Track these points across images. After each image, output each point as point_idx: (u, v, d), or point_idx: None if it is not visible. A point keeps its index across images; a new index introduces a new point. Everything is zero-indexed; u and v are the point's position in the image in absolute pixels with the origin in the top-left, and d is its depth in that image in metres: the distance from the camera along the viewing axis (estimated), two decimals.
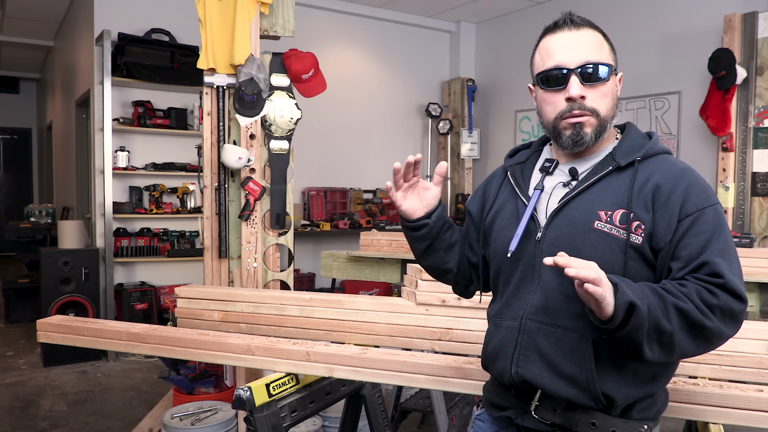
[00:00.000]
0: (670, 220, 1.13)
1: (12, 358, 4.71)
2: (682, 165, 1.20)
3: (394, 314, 2.13)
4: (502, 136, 6.58)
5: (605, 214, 1.16)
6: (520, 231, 1.22)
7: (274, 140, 3.04)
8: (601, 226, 1.16)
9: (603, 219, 1.16)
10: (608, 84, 1.21)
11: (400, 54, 6.66)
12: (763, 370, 1.70)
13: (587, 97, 1.19)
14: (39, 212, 6.65)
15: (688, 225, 1.12)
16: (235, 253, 3.03)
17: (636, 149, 1.22)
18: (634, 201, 1.15)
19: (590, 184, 1.20)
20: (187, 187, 5.19)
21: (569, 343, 1.17)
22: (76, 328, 2.21)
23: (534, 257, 1.23)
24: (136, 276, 5.13)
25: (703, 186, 1.16)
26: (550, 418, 1.21)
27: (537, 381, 1.20)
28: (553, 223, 1.21)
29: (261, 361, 1.92)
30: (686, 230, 1.12)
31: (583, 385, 1.16)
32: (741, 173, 4.32)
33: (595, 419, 1.18)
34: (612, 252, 1.15)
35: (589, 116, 1.19)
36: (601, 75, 1.19)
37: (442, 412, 2.61)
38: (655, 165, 1.19)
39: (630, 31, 5.26)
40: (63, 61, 7.11)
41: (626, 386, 1.17)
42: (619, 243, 1.15)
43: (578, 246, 1.17)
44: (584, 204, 1.19)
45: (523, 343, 1.21)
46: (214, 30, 2.92)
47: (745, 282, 2.84)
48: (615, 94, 1.24)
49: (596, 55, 1.19)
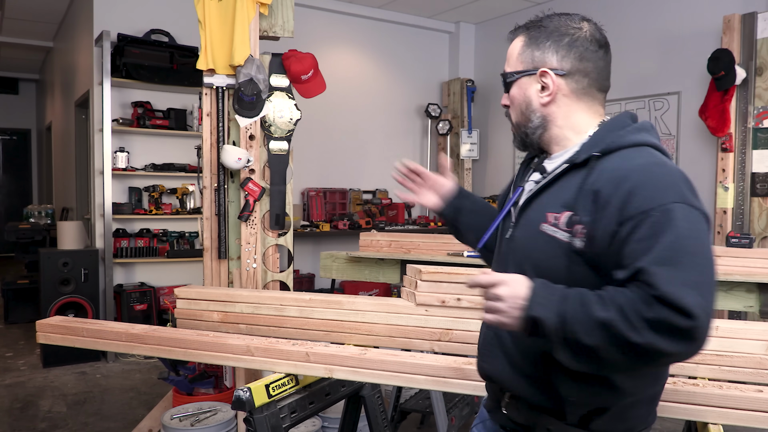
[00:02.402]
0: (607, 224, 1.03)
1: (11, 359, 4.71)
2: (638, 161, 1.07)
3: (393, 315, 2.12)
4: (501, 136, 6.58)
5: (553, 217, 1.11)
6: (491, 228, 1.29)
7: (273, 141, 3.04)
8: (547, 228, 1.12)
9: (550, 221, 1.12)
10: (512, 92, 1.24)
11: (399, 55, 6.66)
12: (763, 371, 1.70)
13: (510, 106, 1.26)
14: (38, 213, 6.64)
15: (630, 230, 1.00)
16: (235, 254, 3.03)
17: (598, 143, 1.13)
18: (579, 202, 1.08)
19: (548, 183, 1.17)
20: (187, 187, 5.18)
21: (528, 341, 1.12)
22: (75, 329, 2.21)
23: (506, 254, 1.24)
24: (136, 277, 5.13)
25: (656, 185, 1.02)
26: (515, 417, 1.21)
27: (498, 377, 1.21)
28: (519, 222, 1.22)
29: (260, 361, 1.92)
30: (627, 236, 1.00)
31: (539, 385, 1.14)
32: (740, 173, 4.32)
33: (551, 425, 1.15)
34: (556, 256, 1.10)
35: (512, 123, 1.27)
36: (505, 85, 1.26)
37: (442, 412, 2.61)
38: (610, 162, 1.09)
39: (630, 31, 5.27)
40: (62, 62, 7.11)
41: (580, 392, 1.11)
42: (563, 247, 1.09)
43: (530, 248, 1.16)
44: (539, 205, 1.17)
45: (488, 339, 1.24)
46: (214, 31, 2.92)
47: (744, 282, 2.82)
48: (523, 98, 1.22)
49: (510, 65, 1.25)
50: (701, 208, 1.02)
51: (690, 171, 4.83)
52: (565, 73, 1.17)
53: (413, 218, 6.44)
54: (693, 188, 1.04)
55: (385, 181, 6.56)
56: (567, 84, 1.18)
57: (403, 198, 1.49)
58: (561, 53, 1.17)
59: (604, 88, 1.21)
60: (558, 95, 1.18)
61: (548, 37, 1.18)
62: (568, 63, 1.17)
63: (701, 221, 1.01)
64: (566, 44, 1.17)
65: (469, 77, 6.79)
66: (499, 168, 6.60)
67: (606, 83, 1.21)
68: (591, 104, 1.20)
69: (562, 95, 1.18)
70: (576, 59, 1.17)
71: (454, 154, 6.66)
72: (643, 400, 1.15)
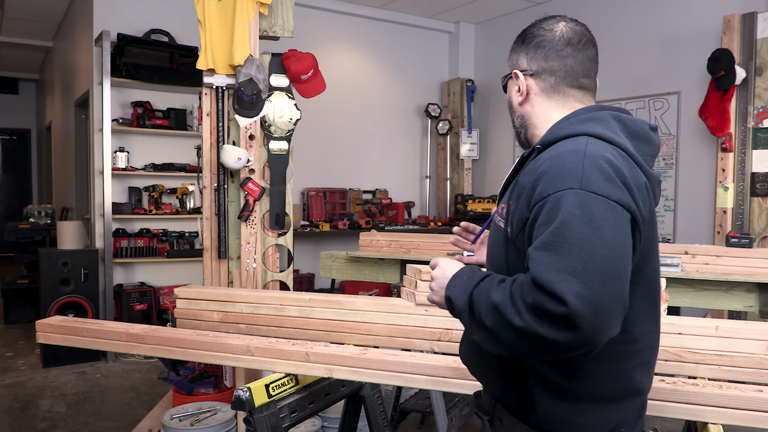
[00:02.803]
0: (521, 211, 1.08)
1: (11, 359, 4.71)
2: (558, 150, 1.08)
3: (393, 315, 2.13)
4: (501, 136, 6.58)
5: (501, 207, 1.20)
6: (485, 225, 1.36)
7: (273, 141, 3.04)
8: (496, 218, 1.22)
9: (499, 212, 1.20)
10: (507, 95, 1.30)
11: (399, 54, 6.66)
12: (763, 371, 1.70)
13: None
14: (38, 213, 6.64)
15: (534, 216, 1.03)
16: (235, 254, 3.03)
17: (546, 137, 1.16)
18: (514, 194, 1.14)
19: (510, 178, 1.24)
20: (187, 187, 5.18)
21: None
22: (75, 329, 2.21)
23: None
24: (136, 277, 5.13)
25: (558, 172, 1.02)
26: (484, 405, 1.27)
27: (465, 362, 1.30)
28: None
29: (260, 361, 1.92)
30: (532, 221, 1.04)
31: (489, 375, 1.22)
32: (740, 173, 4.32)
33: (502, 417, 1.19)
34: (499, 244, 1.18)
35: None
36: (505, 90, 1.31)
37: (442, 412, 2.61)
38: (543, 153, 1.12)
39: (629, 31, 5.26)
40: (62, 62, 7.11)
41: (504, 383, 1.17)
42: (502, 235, 1.17)
43: (490, 240, 1.26)
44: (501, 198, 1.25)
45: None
46: (214, 30, 2.92)
47: (744, 282, 2.82)
48: (508, 100, 1.30)
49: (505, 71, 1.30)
50: (611, 196, 0.99)
51: (690, 171, 4.80)
52: (532, 73, 1.23)
53: (413, 218, 6.44)
54: (610, 176, 1.00)
55: (385, 181, 6.57)
56: (536, 83, 1.23)
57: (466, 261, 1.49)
58: (530, 55, 1.23)
59: (578, 85, 1.21)
60: (531, 95, 1.24)
61: (522, 41, 1.25)
62: (535, 63, 1.22)
63: (604, 209, 0.97)
64: (533, 46, 1.22)
65: (469, 77, 6.79)
66: (499, 168, 6.60)
67: (582, 80, 1.21)
68: (564, 101, 1.21)
69: (534, 94, 1.23)
70: (542, 59, 1.21)
71: (453, 153, 6.66)
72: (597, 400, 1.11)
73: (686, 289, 2.80)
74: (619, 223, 0.98)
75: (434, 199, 6.88)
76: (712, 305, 2.79)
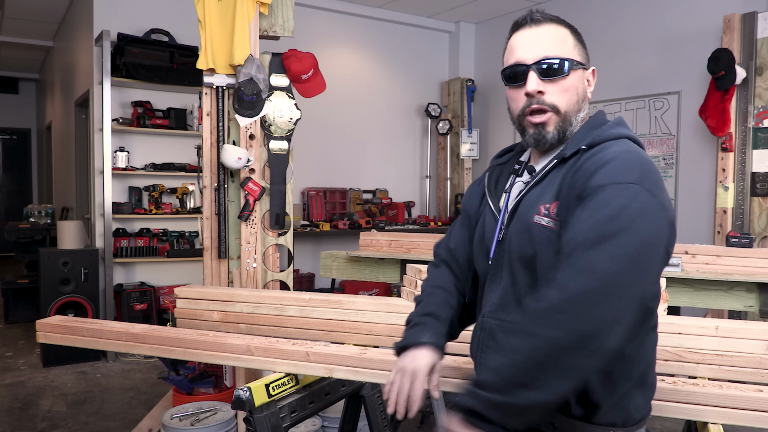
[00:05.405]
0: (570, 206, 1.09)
1: (11, 359, 4.71)
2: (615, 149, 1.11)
3: (393, 314, 2.13)
4: (501, 136, 6.58)
5: (544, 208, 1.14)
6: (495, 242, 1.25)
7: (273, 140, 3.04)
8: (539, 219, 1.14)
9: (542, 212, 1.14)
10: (569, 79, 1.18)
11: (399, 54, 6.66)
12: (763, 370, 1.70)
13: (547, 92, 1.18)
14: (38, 213, 6.65)
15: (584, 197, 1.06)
16: (235, 254, 3.03)
17: (584, 137, 1.17)
18: (563, 192, 1.12)
19: (539, 179, 1.19)
20: (187, 187, 5.19)
21: None
22: (75, 329, 2.21)
23: (500, 258, 1.24)
24: (136, 276, 5.13)
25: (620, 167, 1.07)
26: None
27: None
28: (511, 222, 1.22)
29: (260, 361, 1.92)
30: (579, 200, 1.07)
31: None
32: (740, 173, 4.32)
33: (555, 420, 1.15)
34: (550, 245, 1.11)
35: (549, 113, 1.18)
36: (560, 69, 1.18)
37: (442, 412, 2.60)
38: (593, 153, 1.13)
39: (630, 31, 5.26)
40: (62, 62, 7.11)
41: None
42: (553, 235, 1.12)
43: (523, 242, 1.17)
44: (529, 201, 1.19)
45: (484, 341, 1.24)
46: (214, 30, 2.92)
47: (745, 282, 2.83)
48: (579, 89, 1.21)
49: (556, 50, 1.18)
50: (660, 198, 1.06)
51: (690, 171, 4.80)
52: None
53: (413, 218, 6.44)
54: (658, 180, 1.08)
55: (385, 181, 6.57)
56: None
57: None
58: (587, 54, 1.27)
59: None
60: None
61: (579, 37, 1.25)
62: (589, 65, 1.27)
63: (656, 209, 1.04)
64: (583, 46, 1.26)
65: (469, 77, 6.79)
66: None
67: None
68: None
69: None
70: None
71: (453, 153, 6.66)
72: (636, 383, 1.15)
73: (686, 288, 2.80)
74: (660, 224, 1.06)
75: (434, 198, 6.88)
76: (712, 305, 2.79)
